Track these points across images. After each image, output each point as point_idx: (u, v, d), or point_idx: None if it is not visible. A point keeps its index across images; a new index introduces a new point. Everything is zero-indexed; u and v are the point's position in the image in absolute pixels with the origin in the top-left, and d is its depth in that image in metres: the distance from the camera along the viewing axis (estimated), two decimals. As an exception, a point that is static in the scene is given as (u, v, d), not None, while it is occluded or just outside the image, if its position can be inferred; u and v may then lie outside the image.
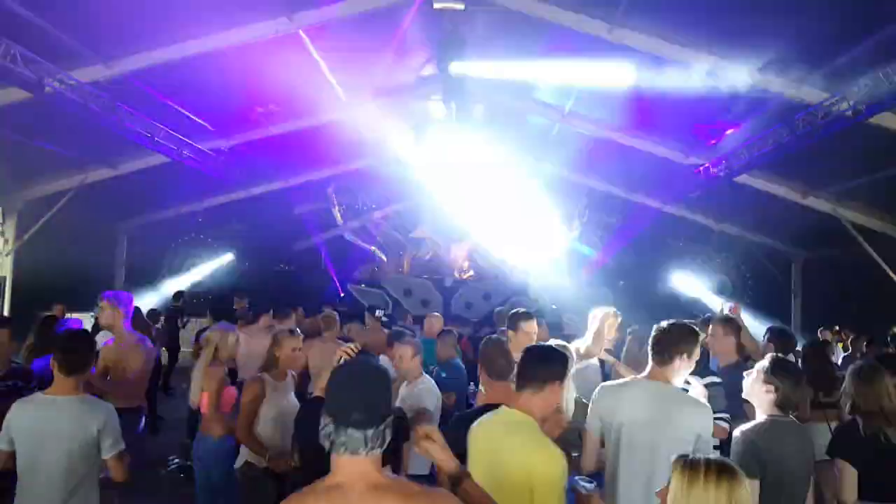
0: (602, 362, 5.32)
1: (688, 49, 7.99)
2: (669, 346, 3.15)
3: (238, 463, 4.21)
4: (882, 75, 6.43)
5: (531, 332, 4.47)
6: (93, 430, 3.26)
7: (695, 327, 3.29)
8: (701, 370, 4.16)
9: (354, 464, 1.79)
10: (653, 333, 3.27)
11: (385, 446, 1.82)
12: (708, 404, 3.24)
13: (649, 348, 3.25)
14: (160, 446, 7.83)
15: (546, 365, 2.71)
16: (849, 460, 3.36)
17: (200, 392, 4.69)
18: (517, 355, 4.33)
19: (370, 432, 1.77)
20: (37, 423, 3.22)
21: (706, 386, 4.03)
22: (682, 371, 3.18)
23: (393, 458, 3.67)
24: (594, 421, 3.20)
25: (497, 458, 2.59)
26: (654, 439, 2.96)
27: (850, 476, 3.33)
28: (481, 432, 2.74)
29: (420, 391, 4.28)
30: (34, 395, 3.43)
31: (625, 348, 5.64)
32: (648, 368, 3.23)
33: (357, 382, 1.88)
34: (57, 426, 3.22)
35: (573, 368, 3.99)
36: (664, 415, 3.03)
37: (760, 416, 3.22)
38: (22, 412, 3.28)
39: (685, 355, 3.13)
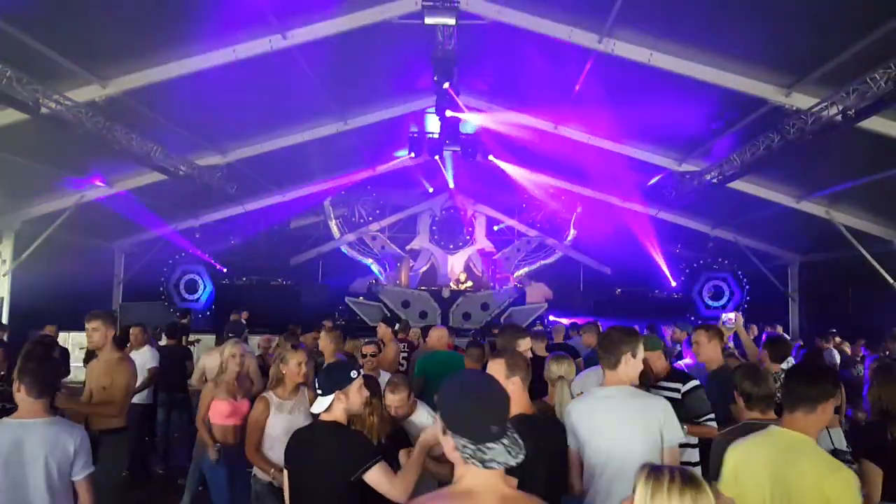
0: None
1: (677, 58, 8.09)
2: (613, 349, 3.20)
3: None
4: (870, 80, 6.51)
5: (525, 350, 4.39)
6: (70, 449, 3.23)
7: (634, 328, 3.35)
8: (681, 375, 4.30)
9: (484, 473, 1.77)
10: (597, 342, 3.33)
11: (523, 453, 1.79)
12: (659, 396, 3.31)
13: (599, 357, 3.29)
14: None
15: (816, 385, 2.71)
16: (874, 461, 3.31)
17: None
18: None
19: (506, 441, 1.77)
20: (12, 448, 3.13)
21: (688, 391, 4.11)
22: (631, 371, 3.20)
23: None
24: (572, 440, 3.19)
25: (785, 481, 2.56)
26: (631, 441, 2.99)
27: (875, 476, 3.28)
28: (754, 454, 2.70)
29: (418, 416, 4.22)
30: (2, 420, 3.30)
31: None
32: (609, 374, 3.24)
33: (480, 394, 1.85)
34: (33, 449, 3.15)
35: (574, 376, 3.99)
36: (634, 413, 3.07)
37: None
38: None
39: (629, 354, 3.18)
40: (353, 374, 3.07)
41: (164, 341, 8.74)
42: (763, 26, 7.23)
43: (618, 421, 3.04)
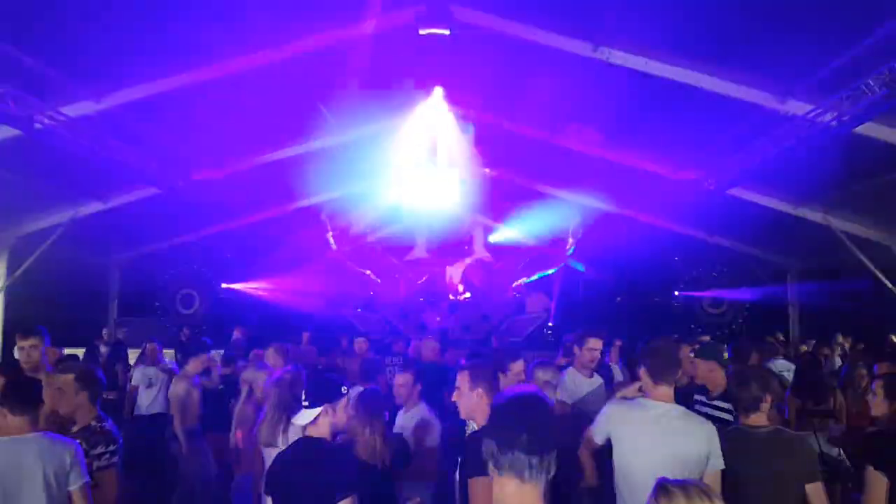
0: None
1: (672, 66, 8.07)
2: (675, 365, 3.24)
3: None
4: (864, 86, 6.49)
5: (520, 373, 4.23)
6: (66, 461, 3.31)
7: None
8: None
9: (521, 494, 1.80)
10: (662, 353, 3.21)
11: (550, 477, 1.82)
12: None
13: (659, 368, 3.17)
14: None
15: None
16: (882, 469, 3.17)
17: (236, 431, 4.84)
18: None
19: (534, 459, 1.79)
20: (9, 464, 3.20)
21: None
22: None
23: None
24: (600, 439, 3.36)
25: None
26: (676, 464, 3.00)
27: (880, 486, 3.14)
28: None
29: (414, 418, 4.21)
30: None
31: None
32: (662, 389, 3.16)
33: (523, 409, 1.89)
34: (31, 464, 3.23)
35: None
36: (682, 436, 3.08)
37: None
38: None
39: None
40: (343, 389, 3.00)
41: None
42: (756, 32, 7.22)
43: (663, 441, 2.98)
